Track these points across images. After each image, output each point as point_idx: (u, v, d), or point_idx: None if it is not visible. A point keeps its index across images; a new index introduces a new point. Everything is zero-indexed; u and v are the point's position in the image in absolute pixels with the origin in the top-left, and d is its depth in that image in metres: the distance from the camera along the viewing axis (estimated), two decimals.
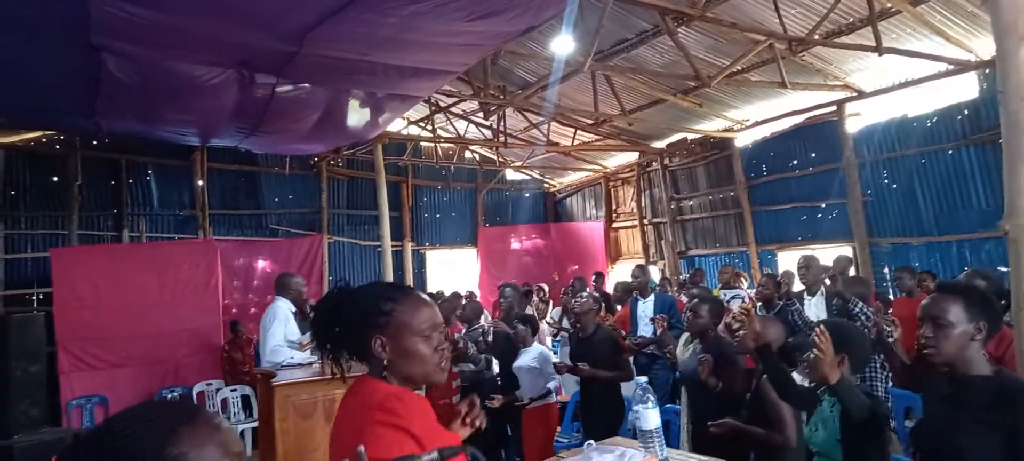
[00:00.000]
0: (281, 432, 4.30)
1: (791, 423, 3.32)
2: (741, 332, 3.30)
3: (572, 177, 15.61)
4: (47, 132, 10.82)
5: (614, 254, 14.63)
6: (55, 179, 11.14)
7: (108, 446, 0.96)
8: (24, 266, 10.91)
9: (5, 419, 7.17)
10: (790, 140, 10.20)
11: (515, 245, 15.37)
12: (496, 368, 6.97)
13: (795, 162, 10.20)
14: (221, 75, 7.05)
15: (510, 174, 15.74)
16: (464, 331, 7.19)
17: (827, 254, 9.30)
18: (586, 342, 5.09)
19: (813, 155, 9.90)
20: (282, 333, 5.07)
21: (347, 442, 1.49)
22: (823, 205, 9.84)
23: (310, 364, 4.84)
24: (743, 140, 10.98)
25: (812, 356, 2.83)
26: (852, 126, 9.22)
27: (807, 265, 5.29)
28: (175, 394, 9.38)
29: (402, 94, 8.04)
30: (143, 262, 9.74)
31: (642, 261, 13.43)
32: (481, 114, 12.44)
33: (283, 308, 5.28)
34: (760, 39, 8.05)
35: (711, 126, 10.92)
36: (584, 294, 5.20)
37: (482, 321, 7.12)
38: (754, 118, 10.47)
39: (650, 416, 2.19)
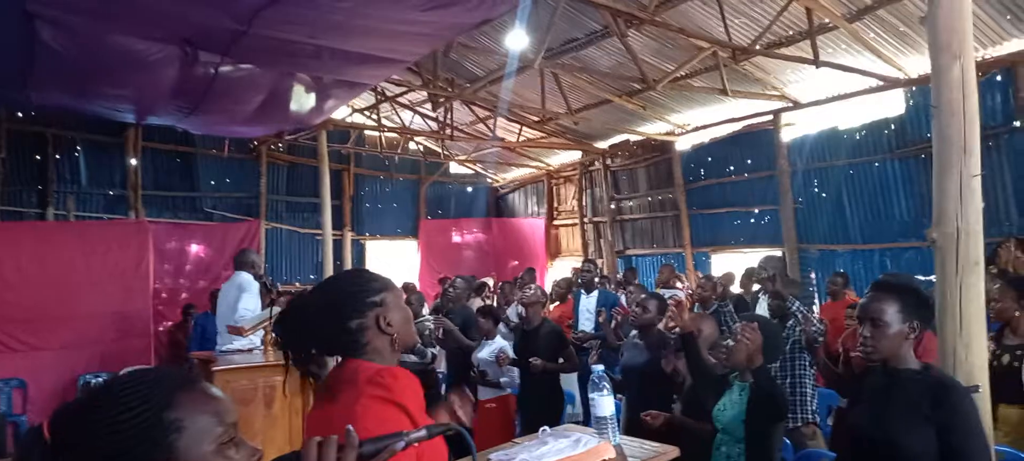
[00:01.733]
0: None
1: None
2: (672, 323, 3.45)
3: (515, 173, 15.72)
4: None
5: (553, 251, 14.81)
6: None
7: (105, 408, 0.97)
8: None
9: None
10: (728, 146, 10.53)
11: (456, 239, 15.39)
12: (443, 363, 7.01)
13: (732, 168, 10.55)
14: (163, 51, 6.86)
15: (454, 167, 15.73)
16: None
17: (758, 257, 9.67)
18: (532, 335, 5.17)
19: (749, 162, 10.25)
20: (253, 302, 5.01)
21: (337, 421, 1.53)
22: (756, 210, 10.20)
23: (251, 350, 4.78)
24: (683, 144, 11.28)
25: (731, 344, 3.07)
26: (786, 135, 9.59)
27: (764, 267, 5.47)
28: (100, 379, 9.02)
29: (349, 81, 7.97)
30: (70, 242, 9.34)
31: (580, 259, 13.62)
32: (428, 105, 12.42)
33: (252, 282, 5.22)
34: (704, 46, 8.30)
35: (653, 129, 11.18)
36: (532, 286, 5.28)
37: (425, 312, 7.12)
38: (695, 123, 10.77)
39: (605, 403, 2.28)
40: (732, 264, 10.20)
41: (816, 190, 9.36)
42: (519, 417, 5.38)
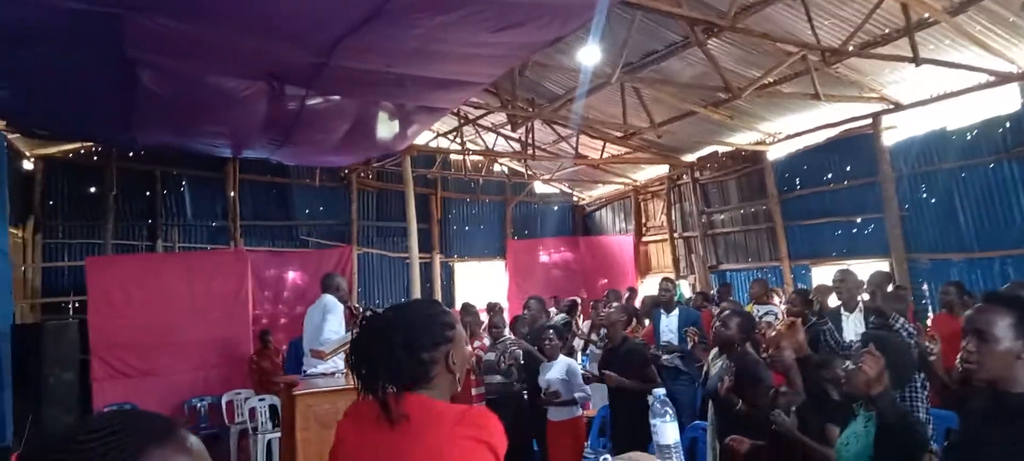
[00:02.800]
0: (302, 442, 4.27)
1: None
2: (783, 344, 3.20)
3: (601, 190, 15.51)
4: (85, 144, 11.08)
5: (644, 268, 14.48)
6: (92, 190, 11.37)
7: (68, 457, 0.87)
8: (61, 275, 11.14)
9: (38, 425, 7.32)
10: (824, 153, 9.99)
11: (544, 258, 15.30)
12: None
13: (829, 176, 9.99)
14: (251, 87, 7.16)
15: (539, 187, 15.69)
16: (489, 343, 7.14)
17: (863, 269, 9.07)
18: (614, 353, 5.01)
19: (848, 168, 9.68)
20: (338, 324, 5.09)
21: (419, 457, 1.51)
22: (858, 220, 9.60)
23: (333, 374, 4.82)
24: (775, 153, 10.79)
25: (851, 367, 2.75)
26: (888, 139, 9.00)
27: (843, 279, 5.12)
28: (204, 403, 9.45)
29: (429, 106, 8.06)
30: (175, 271, 9.84)
31: (672, 275, 13.25)
32: (509, 127, 12.45)
33: (337, 304, 5.31)
34: (792, 50, 7.93)
35: (742, 139, 10.77)
36: (613, 305, 5.12)
37: (507, 333, 7.03)
38: (786, 131, 10.29)
39: (668, 430, 2.11)
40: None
41: (924, 195, 8.72)
42: (608, 437, 5.21)
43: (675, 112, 10.09)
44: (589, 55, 7.06)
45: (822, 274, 10.28)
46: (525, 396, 6.65)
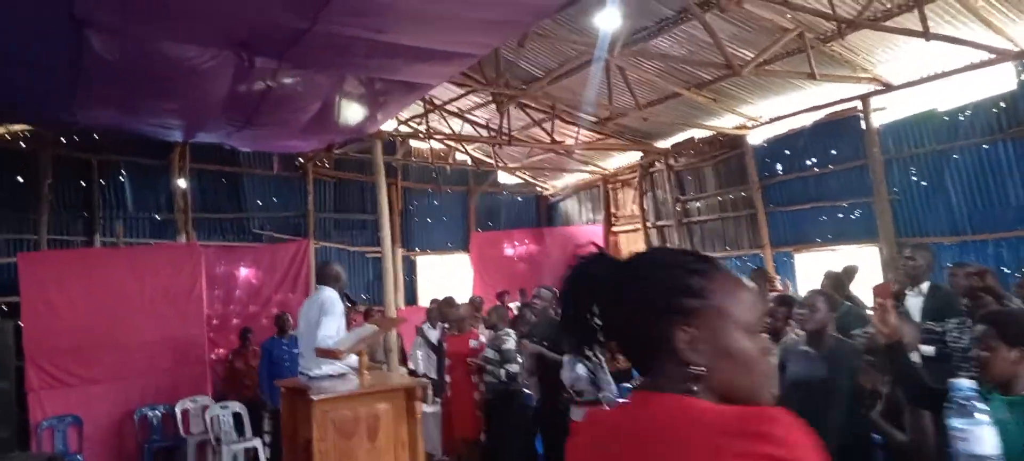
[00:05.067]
0: (319, 453, 3.70)
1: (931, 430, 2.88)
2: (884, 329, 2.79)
3: (566, 180, 15.10)
4: (11, 128, 9.99)
5: None
6: (20, 179, 10.28)
7: None
8: None
9: None
10: (808, 137, 9.81)
11: (508, 251, 14.81)
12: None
13: (814, 160, 9.81)
14: (216, 57, 6.42)
15: (502, 177, 15.19)
16: (486, 339, 6.63)
17: (849, 255, 8.94)
18: None
19: (833, 152, 9.52)
20: (336, 327, 4.48)
21: None
22: (845, 204, 9.45)
23: (344, 375, 4.22)
24: (755, 138, 10.58)
25: (982, 354, 2.40)
26: (877, 121, 8.86)
27: (912, 257, 4.72)
28: (157, 412, 8.64)
29: (411, 82, 7.45)
30: (121, 268, 8.94)
31: None
32: (478, 112, 11.91)
33: (338, 300, 4.70)
34: (789, 27, 7.67)
35: (723, 123, 10.51)
36: None
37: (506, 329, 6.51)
38: (767, 115, 10.08)
39: (983, 436, 1.60)
40: (819, 263, 9.48)
41: (914, 178, 8.61)
42: None
43: (658, 95, 9.75)
44: (609, 19, 6.57)
45: (805, 261, 10.14)
46: (529, 396, 6.19)
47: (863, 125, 8.91)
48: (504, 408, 6.01)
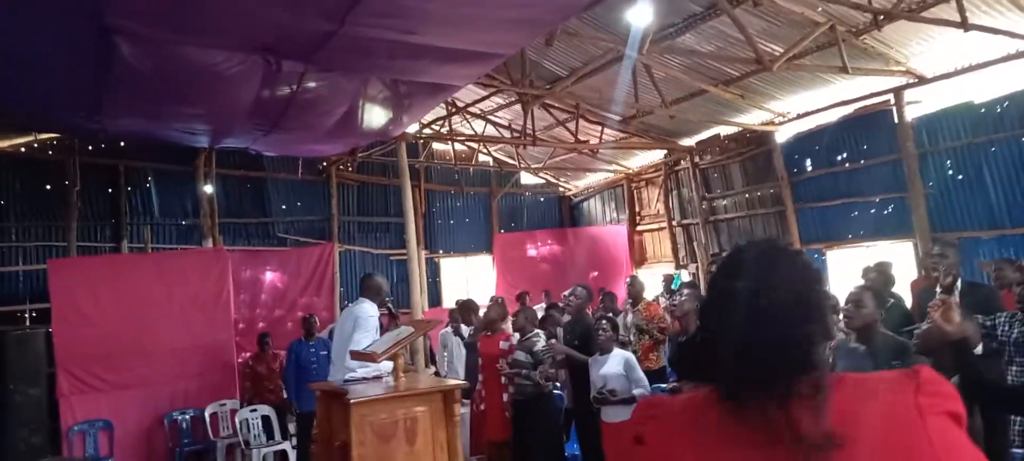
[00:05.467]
0: (358, 457, 3.65)
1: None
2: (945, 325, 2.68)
3: (589, 179, 15.00)
4: (39, 137, 10.10)
5: (639, 258, 14.01)
6: (48, 187, 10.39)
7: None
8: (15, 280, 10.16)
9: (3, 448, 6.44)
10: (838, 132, 9.64)
11: (531, 252, 14.75)
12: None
13: (844, 155, 9.64)
14: (243, 62, 6.39)
15: (524, 178, 15.12)
16: (517, 340, 6.55)
17: (884, 251, 8.78)
18: (689, 346, 4.45)
19: (865, 147, 9.34)
20: (369, 340, 4.42)
21: None
22: (877, 199, 9.27)
23: (380, 377, 4.17)
24: (784, 134, 10.42)
25: None
26: (911, 114, 8.68)
27: (943, 253, 4.61)
28: (186, 417, 8.65)
29: (439, 84, 7.39)
30: (149, 273, 8.98)
31: (670, 265, 12.84)
32: (500, 113, 11.85)
33: (374, 314, 4.65)
34: (820, 21, 7.53)
35: (750, 119, 10.36)
36: (685, 292, 4.57)
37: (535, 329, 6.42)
38: (795, 111, 9.92)
39: None
40: (851, 260, 9.32)
41: (950, 173, 8.42)
42: None
43: (684, 92, 9.62)
44: (640, 15, 6.48)
45: (837, 258, 9.97)
46: (559, 397, 6.11)
47: (896, 119, 8.74)
48: (534, 410, 5.93)
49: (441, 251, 14.14)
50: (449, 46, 6.09)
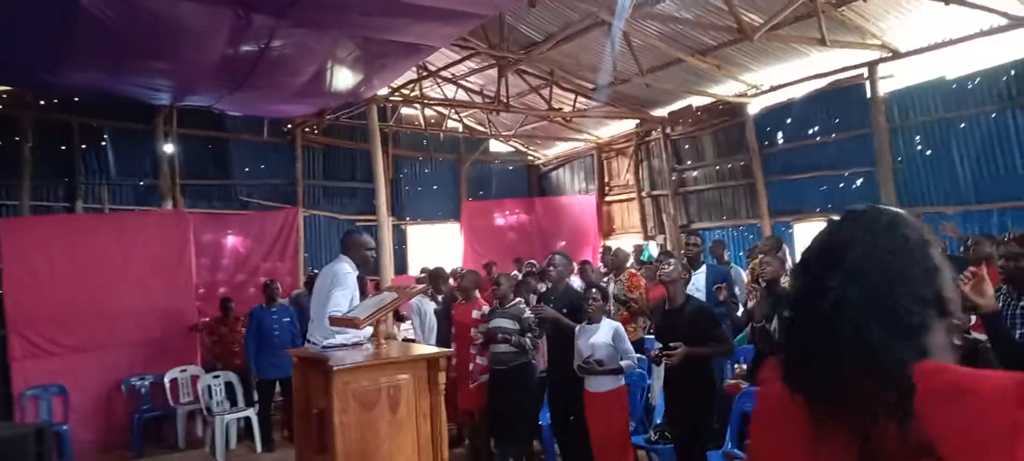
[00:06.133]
0: (341, 425, 3.53)
1: None
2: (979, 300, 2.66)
3: (558, 149, 14.90)
4: None
5: (607, 229, 14.01)
6: None
7: None
8: None
9: None
10: (810, 105, 9.67)
11: (499, 221, 14.64)
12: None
13: (816, 128, 9.70)
14: (213, 14, 6.13)
15: (493, 145, 14.95)
16: (493, 308, 6.47)
17: None
18: (675, 315, 4.42)
19: (837, 120, 9.39)
20: (347, 300, 4.28)
21: None
22: (846, 173, 9.37)
23: (360, 344, 4.04)
24: (755, 106, 10.44)
25: None
26: (883, 89, 8.75)
27: (977, 243, 4.57)
28: (145, 382, 8.38)
29: (415, 44, 7.19)
30: (107, 235, 8.64)
31: (638, 235, 12.87)
32: (471, 78, 11.64)
33: (351, 273, 4.50)
34: None
35: (723, 90, 10.35)
36: (671, 261, 4.51)
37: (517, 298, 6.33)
38: (768, 83, 9.94)
39: None
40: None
41: (919, 148, 8.54)
42: (663, 408, 4.67)
43: (659, 61, 9.55)
44: None
45: (805, 231, 10.07)
46: (537, 365, 6.05)
47: (868, 93, 8.80)
48: (513, 378, 5.87)
49: (408, 218, 13.94)
50: (430, 4, 5.90)
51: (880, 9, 7.82)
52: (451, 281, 8.10)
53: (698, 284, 6.16)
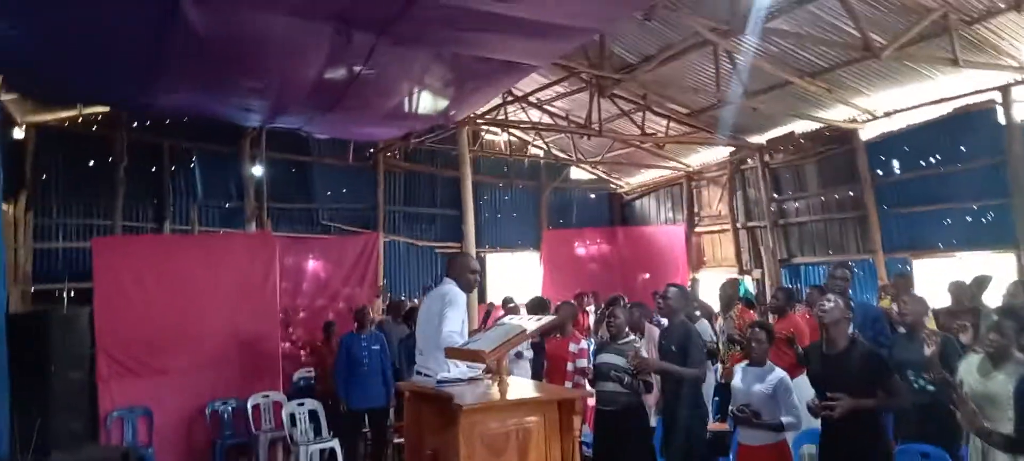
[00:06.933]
0: None
1: None
2: None
3: (643, 177, 14.37)
4: (84, 111, 9.73)
5: (697, 262, 13.36)
6: (92, 164, 10.04)
7: None
8: (54, 258, 9.82)
9: (43, 433, 6.01)
10: (931, 132, 8.93)
11: (580, 251, 14.16)
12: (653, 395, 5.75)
13: (938, 157, 8.95)
14: (314, 31, 5.93)
15: (574, 173, 14.55)
16: (596, 344, 6.00)
17: (980, 263, 8.10)
18: (839, 361, 3.84)
19: (963, 149, 8.64)
20: (460, 322, 3.94)
21: None
22: (975, 207, 8.58)
23: (478, 378, 3.65)
24: (867, 133, 9.73)
25: None
26: (1020, 114, 7.98)
27: None
28: (228, 407, 8.18)
29: (515, 63, 6.85)
30: (195, 255, 8.53)
31: (733, 269, 12.19)
32: (557, 103, 11.28)
33: (462, 294, 4.17)
34: (932, 6, 6.88)
35: (831, 115, 9.68)
36: (831, 299, 3.95)
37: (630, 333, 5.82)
38: (883, 108, 9.24)
39: None
40: (941, 270, 8.64)
41: None
42: None
43: (764, 84, 8.99)
44: None
45: (924, 268, 9.28)
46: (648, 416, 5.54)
47: (1002, 118, 8.04)
48: (626, 423, 5.35)
49: (487, 246, 13.59)
50: (537, 18, 5.55)
51: (1018, 27, 7.13)
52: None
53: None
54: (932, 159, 9.02)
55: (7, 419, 6.00)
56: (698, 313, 6.89)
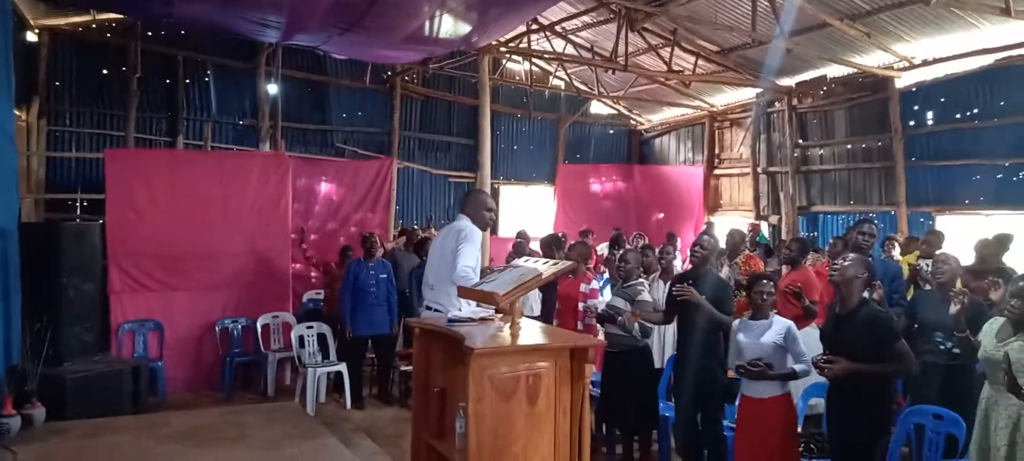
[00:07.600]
0: (474, 415, 3.05)
1: None
2: None
3: (664, 114, 14.03)
4: (98, 17, 9.50)
5: (713, 204, 13.14)
6: (105, 72, 9.86)
7: None
8: (67, 167, 9.75)
9: (55, 343, 6.03)
10: (970, 83, 8.57)
11: (595, 187, 13.96)
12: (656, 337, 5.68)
13: (975, 110, 8.61)
14: None
15: (594, 107, 14.22)
16: (613, 289, 5.90)
17: (1009, 222, 7.86)
18: (846, 322, 3.71)
19: (1002, 103, 8.31)
20: (475, 259, 3.84)
21: None
22: (1007, 163, 8.29)
23: (486, 319, 3.55)
24: (903, 82, 9.36)
25: None
26: None
27: None
28: (238, 325, 8.19)
29: None
30: (208, 172, 8.39)
31: (750, 213, 11.99)
32: (582, 34, 10.91)
33: (477, 231, 4.06)
34: None
35: (867, 61, 9.30)
36: (848, 257, 3.78)
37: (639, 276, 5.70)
38: (921, 56, 8.86)
39: None
40: (964, 227, 8.42)
41: None
42: (827, 429, 4.01)
43: (801, 24, 8.60)
44: None
45: (947, 224, 9.05)
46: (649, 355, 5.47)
47: None
48: (630, 364, 5.30)
49: (501, 177, 13.41)
50: None
51: None
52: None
53: None
54: (968, 112, 8.68)
55: (19, 327, 6.05)
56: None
